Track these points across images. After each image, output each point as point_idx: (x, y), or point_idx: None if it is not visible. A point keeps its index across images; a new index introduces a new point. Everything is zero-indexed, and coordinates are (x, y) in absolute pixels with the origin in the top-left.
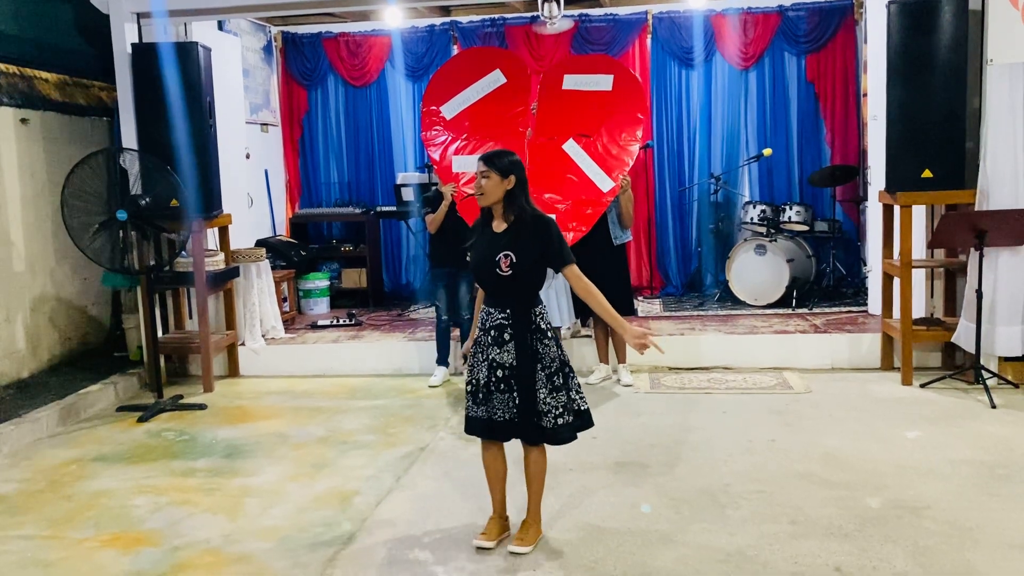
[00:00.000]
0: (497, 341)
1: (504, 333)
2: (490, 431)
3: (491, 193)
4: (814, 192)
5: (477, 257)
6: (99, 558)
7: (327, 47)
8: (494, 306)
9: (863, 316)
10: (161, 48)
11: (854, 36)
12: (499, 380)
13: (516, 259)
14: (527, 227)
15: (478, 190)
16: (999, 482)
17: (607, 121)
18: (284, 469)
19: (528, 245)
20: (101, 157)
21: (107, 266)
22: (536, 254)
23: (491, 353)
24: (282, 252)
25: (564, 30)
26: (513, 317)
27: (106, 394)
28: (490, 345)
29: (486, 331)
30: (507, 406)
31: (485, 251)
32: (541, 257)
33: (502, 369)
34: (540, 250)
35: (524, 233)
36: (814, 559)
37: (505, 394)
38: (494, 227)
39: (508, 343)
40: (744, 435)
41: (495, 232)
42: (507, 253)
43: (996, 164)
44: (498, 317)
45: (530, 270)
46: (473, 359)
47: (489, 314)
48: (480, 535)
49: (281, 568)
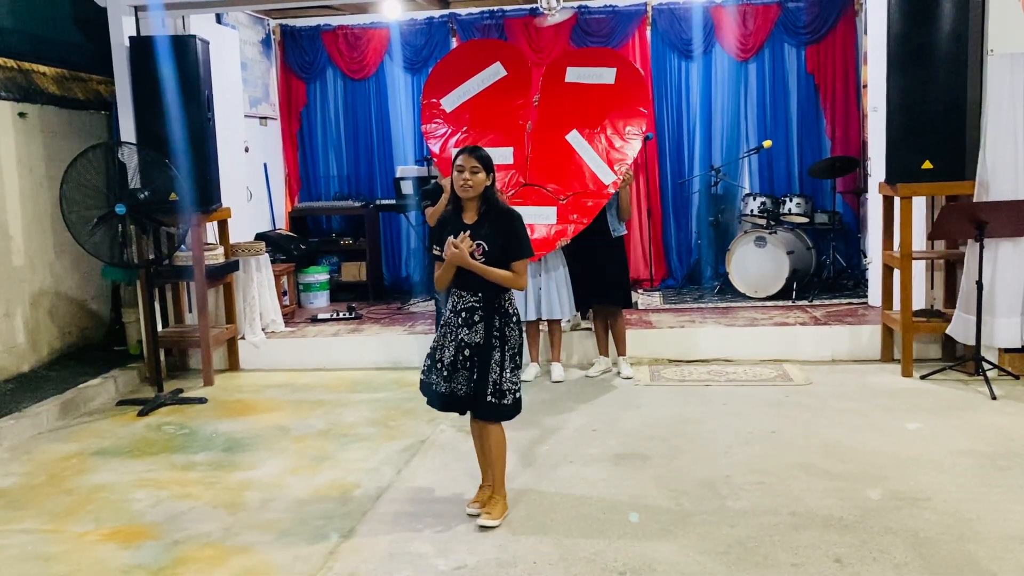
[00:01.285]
0: (467, 322)
1: (475, 315)
2: (450, 405)
3: (478, 187)
4: (814, 184)
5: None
6: (100, 552)
7: (326, 40)
8: (465, 290)
9: (863, 308)
10: (159, 41)
11: (854, 27)
12: (466, 359)
13: (488, 248)
14: (496, 219)
15: (466, 184)
16: (999, 473)
17: (610, 114)
18: (284, 462)
19: (496, 236)
20: (99, 151)
21: (106, 260)
22: (503, 244)
23: (460, 334)
24: (281, 246)
25: (563, 20)
26: (484, 301)
27: (106, 388)
28: (460, 326)
29: (456, 313)
30: (467, 383)
31: None
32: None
33: (469, 348)
34: (504, 241)
35: (493, 224)
36: (814, 550)
37: (471, 371)
38: (465, 219)
39: (477, 324)
40: (744, 427)
41: (466, 224)
42: (479, 243)
43: (996, 155)
44: (470, 300)
45: (499, 259)
46: (441, 339)
47: (461, 297)
48: (472, 502)
49: (282, 561)
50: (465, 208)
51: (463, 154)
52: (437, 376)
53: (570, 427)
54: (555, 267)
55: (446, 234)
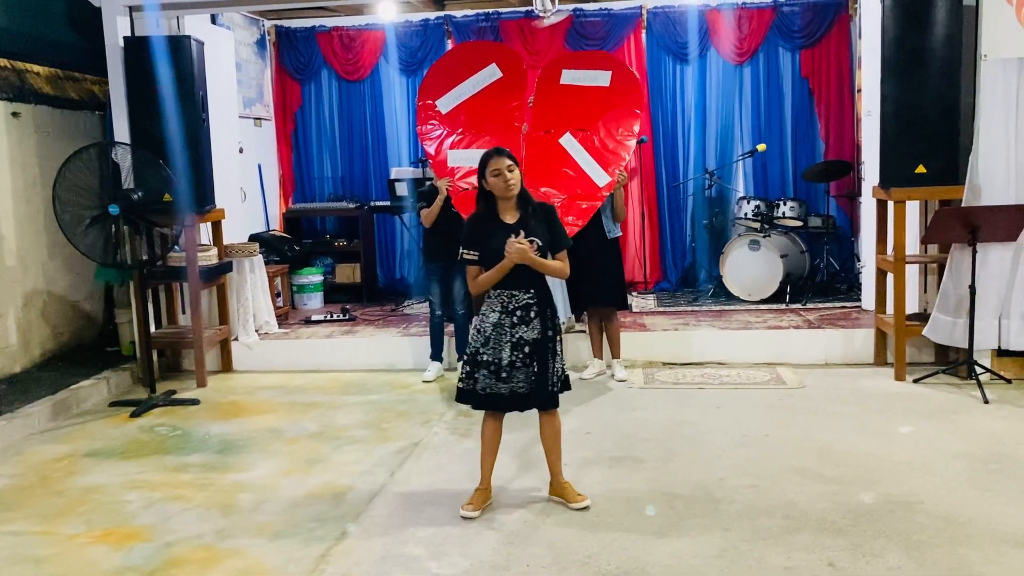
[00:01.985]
0: (524, 320)
1: (531, 311)
2: (511, 404)
3: (519, 185)
4: (808, 187)
5: (499, 249)
6: (91, 554)
7: (321, 41)
8: (518, 288)
9: (856, 311)
10: (153, 42)
11: (848, 31)
12: (525, 356)
13: (542, 243)
14: (537, 215)
15: (509, 184)
16: (992, 477)
17: (604, 116)
18: (277, 464)
19: (544, 231)
20: (93, 151)
21: (99, 261)
22: (550, 238)
23: (518, 332)
24: (275, 247)
25: (558, 21)
26: (538, 296)
27: (98, 389)
28: (516, 325)
29: (510, 313)
30: (528, 378)
31: (498, 241)
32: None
33: (529, 345)
34: (550, 234)
35: (538, 220)
36: (808, 554)
37: (530, 367)
38: (505, 219)
39: (534, 320)
40: (738, 430)
41: (508, 223)
42: (532, 239)
43: (989, 160)
44: (524, 298)
45: (545, 254)
46: (489, 342)
47: (512, 296)
48: (466, 505)
49: (275, 563)
50: (502, 208)
51: (494, 157)
52: (489, 380)
53: (564, 429)
54: None
55: (483, 237)
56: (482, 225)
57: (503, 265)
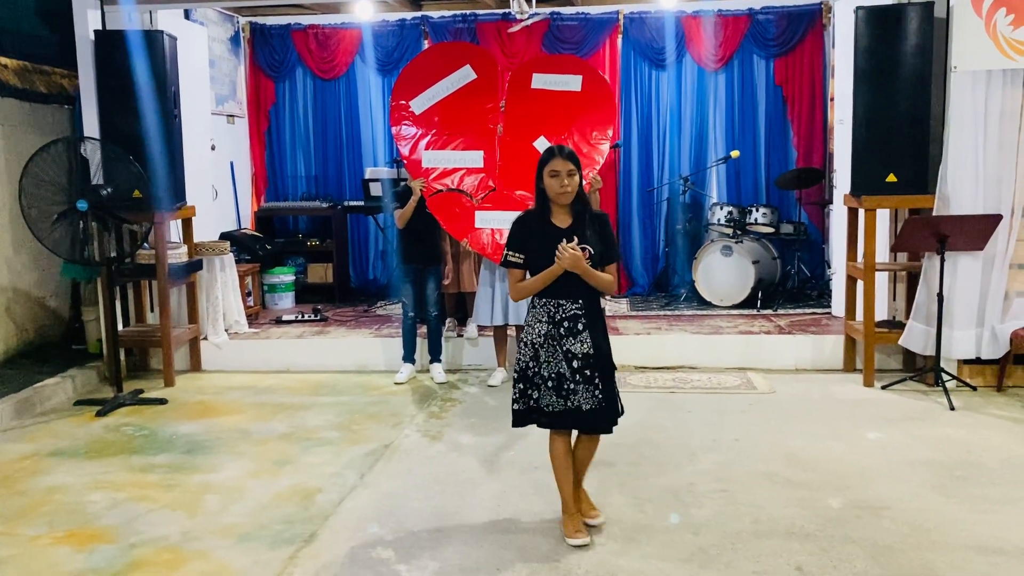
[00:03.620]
0: (571, 331)
1: (578, 323)
2: (576, 422)
3: (575, 191)
4: (780, 194)
5: (547, 254)
6: (52, 555)
7: (296, 39)
8: (565, 298)
9: (827, 318)
10: (125, 35)
11: (822, 41)
12: (575, 371)
13: (593, 252)
14: (592, 222)
15: (564, 190)
16: (957, 483)
17: (577, 120)
18: (246, 465)
19: (596, 239)
20: (61, 145)
21: (66, 257)
22: (602, 248)
23: (566, 344)
24: (247, 246)
25: (535, 21)
26: (586, 307)
27: (63, 388)
28: (564, 336)
29: (557, 324)
30: (592, 395)
31: (550, 247)
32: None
33: (577, 360)
34: (603, 245)
35: (592, 228)
36: (776, 559)
37: (587, 384)
38: (556, 223)
39: (582, 333)
40: (708, 434)
41: (561, 228)
42: (584, 247)
43: (958, 170)
44: (572, 308)
45: (596, 264)
46: (539, 358)
47: (559, 306)
48: (576, 533)
49: (241, 566)
50: (554, 212)
51: (556, 157)
52: (545, 395)
53: (536, 432)
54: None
55: (531, 239)
56: (530, 226)
57: (552, 271)
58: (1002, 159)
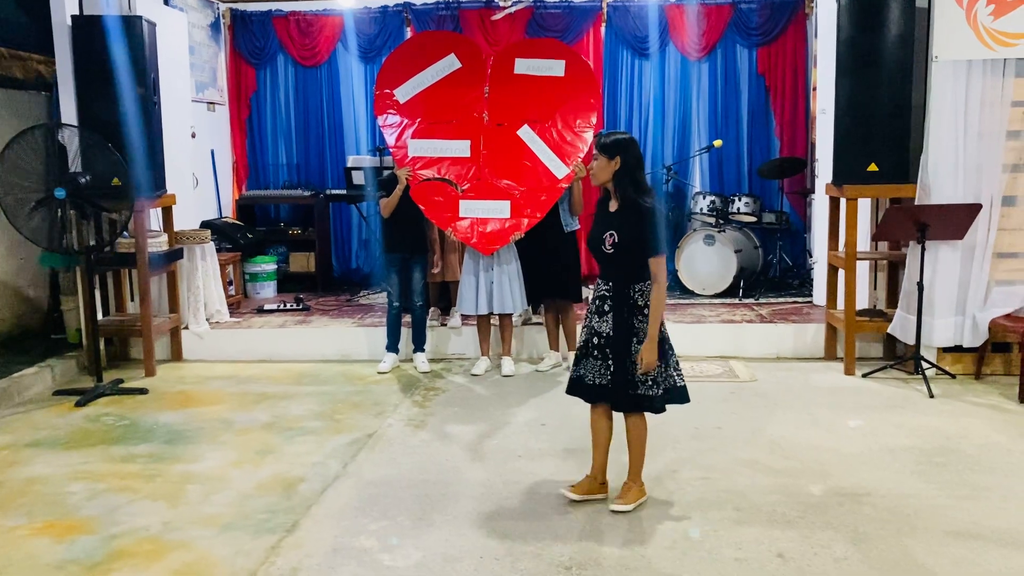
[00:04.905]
0: (599, 311)
1: (605, 304)
2: (578, 390)
3: (599, 175)
4: (763, 184)
5: (593, 232)
6: (31, 546)
7: (277, 26)
8: (601, 278)
9: (808, 307)
10: (103, 21)
11: (804, 30)
12: (594, 347)
13: (618, 239)
14: (629, 210)
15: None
16: (936, 470)
17: (561, 107)
18: (227, 455)
19: (627, 227)
20: (39, 133)
21: (44, 246)
22: (632, 237)
23: (592, 321)
24: (228, 234)
25: (518, 9)
26: (613, 291)
27: (42, 378)
28: (593, 313)
29: (593, 300)
30: (599, 372)
31: (599, 228)
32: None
33: (598, 337)
34: (635, 234)
35: (627, 215)
36: (757, 545)
37: (598, 361)
38: (610, 206)
39: (607, 314)
40: (690, 422)
41: (609, 211)
42: (611, 232)
43: (939, 159)
44: (602, 289)
45: (629, 250)
46: (586, 325)
47: (597, 285)
48: (570, 486)
49: (223, 556)
50: (611, 195)
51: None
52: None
53: (519, 421)
54: (507, 261)
55: (598, 220)
56: (600, 206)
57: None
58: (983, 149)
